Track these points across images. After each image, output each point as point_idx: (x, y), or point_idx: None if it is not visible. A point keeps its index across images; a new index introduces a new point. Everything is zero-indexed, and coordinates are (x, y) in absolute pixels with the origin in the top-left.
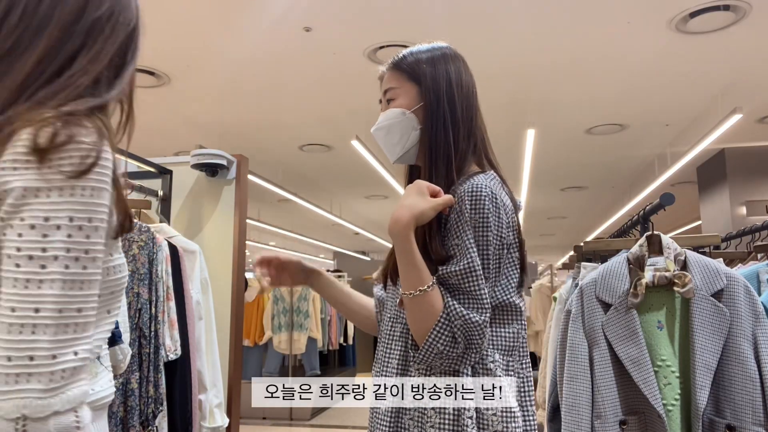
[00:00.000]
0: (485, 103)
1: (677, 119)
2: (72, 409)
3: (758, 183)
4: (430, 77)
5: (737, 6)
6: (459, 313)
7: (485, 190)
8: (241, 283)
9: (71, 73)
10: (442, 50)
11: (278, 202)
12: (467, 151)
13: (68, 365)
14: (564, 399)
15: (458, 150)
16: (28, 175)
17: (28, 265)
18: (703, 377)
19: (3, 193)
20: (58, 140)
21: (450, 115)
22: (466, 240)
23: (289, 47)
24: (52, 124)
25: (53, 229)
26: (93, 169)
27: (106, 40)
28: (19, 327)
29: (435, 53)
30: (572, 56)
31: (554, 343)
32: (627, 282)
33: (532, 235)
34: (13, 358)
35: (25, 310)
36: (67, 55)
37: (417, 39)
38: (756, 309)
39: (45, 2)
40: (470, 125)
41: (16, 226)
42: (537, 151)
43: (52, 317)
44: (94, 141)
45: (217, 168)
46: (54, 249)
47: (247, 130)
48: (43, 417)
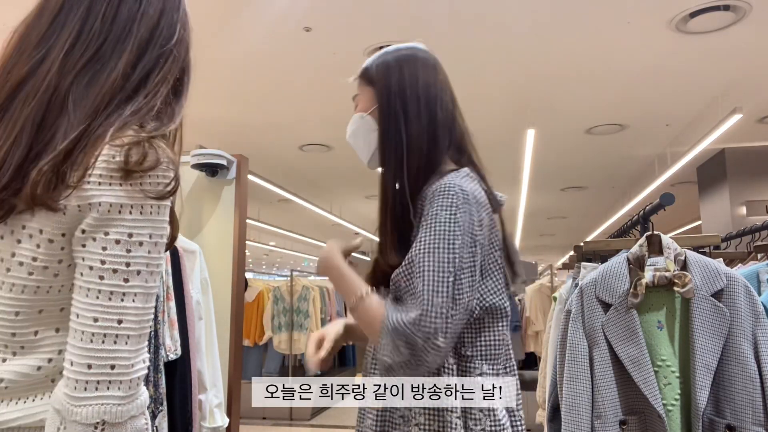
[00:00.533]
0: (485, 103)
1: (677, 119)
2: (142, 413)
3: (758, 183)
4: (382, 79)
5: (737, 6)
6: (392, 319)
7: (453, 189)
8: (241, 283)
9: (146, 92)
10: (400, 52)
11: (278, 202)
12: (432, 149)
13: (140, 373)
14: (564, 399)
15: (414, 148)
16: (116, 192)
17: (112, 278)
18: (703, 377)
19: (88, 206)
20: (147, 163)
21: (402, 114)
22: (422, 241)
23: (289, 47)
24: (142, 146)
25: (136, 245)
26: (172, 193)
27: (173, 63)
28: (101, 336)
29: (389, 56)
30: (572, 56)
31: (554, 343)
32: (627, 282)
33: (532, 235)
34: (94, 366)
35: (109, 320)
36: (143, 73)
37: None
38: (756, 309)
39: (122, 14)
40: (432, 123)
41: (100, 240)
42: (537, 151)
43: (133, 328)
44: (174, 168)
45: (217, 168)
46: (137, 264)
47: (247, 130)
48: (122, 422)
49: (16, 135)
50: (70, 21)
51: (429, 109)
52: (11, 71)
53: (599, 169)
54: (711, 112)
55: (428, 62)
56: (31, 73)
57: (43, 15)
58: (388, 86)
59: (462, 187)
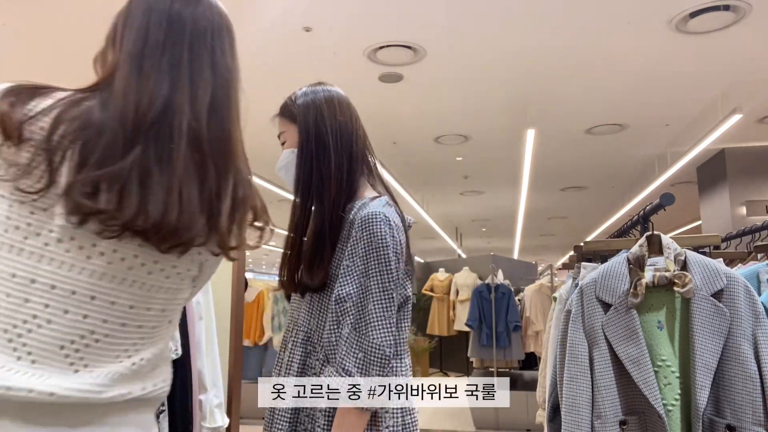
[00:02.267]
0: (485, 103)
1: (677, 119)
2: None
3: (758, 183)
4: (302, 117)
5: (737, 6)
6: (345, 367)
7: (380, 216)
8: (241, 283)
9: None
10: (315, 93)
11: (278, 202)
12: (350, 178)
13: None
14: (564, 399)
15: (335, 177)
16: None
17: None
18: (703, 377)
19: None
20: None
21: (323, 149)
22: (359, 263)
23: (289, 47)
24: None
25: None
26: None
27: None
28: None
29: (307, 97)
30: (572, 56)
31: (554, 343)
32: (627, 282)
33: (532, 235)
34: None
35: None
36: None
37: (417, 39)
38: (756, 309)
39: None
40: (349, 155)
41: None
42: (537, 151)
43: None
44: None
45: None
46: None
47: (247, 130)
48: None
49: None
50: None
51: (348, 143)
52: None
53: (599, 169)
54: (711, 112)
55: (342, 101)
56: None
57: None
58: (313, 123)
59: (386, 215)
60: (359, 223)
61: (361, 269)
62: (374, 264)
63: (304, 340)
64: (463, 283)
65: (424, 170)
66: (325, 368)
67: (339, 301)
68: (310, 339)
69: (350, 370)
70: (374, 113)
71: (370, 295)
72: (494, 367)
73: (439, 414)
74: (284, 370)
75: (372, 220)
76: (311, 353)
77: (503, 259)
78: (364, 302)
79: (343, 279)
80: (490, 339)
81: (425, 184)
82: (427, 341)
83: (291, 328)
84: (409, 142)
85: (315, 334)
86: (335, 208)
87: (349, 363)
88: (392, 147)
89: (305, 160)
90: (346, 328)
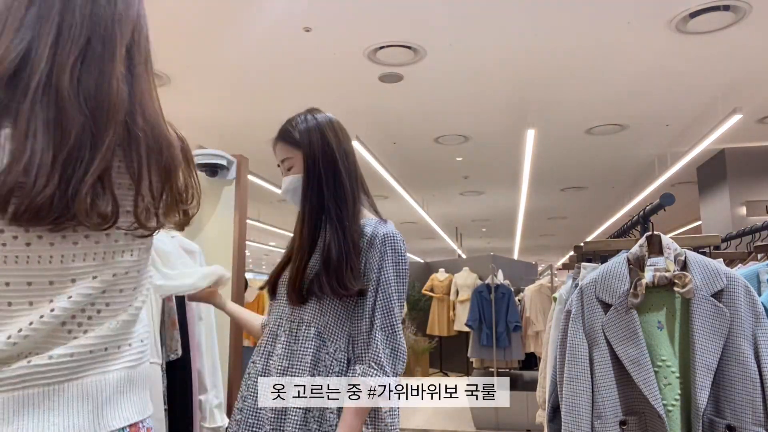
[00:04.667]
0: (485, 103)
1: (677, 119)
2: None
3: (758, 183)
4: (307, 143)
5: (737, 6)
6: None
7: (399, 236)
8: (241, 283)
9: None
10: (316, 119)
11: (278, 202)
12: (357, 199)
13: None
14: (564, 399)
15: (342, 201)
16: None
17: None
18: (703, 377)
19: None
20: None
21: (330, 174)
22: (389, 275)
23: (289, 47)
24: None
25: None
26: None
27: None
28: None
29: (309, 123)
30: (572, 56)
31: (554, 343)
32: (627, 282)
33: (532, 235)
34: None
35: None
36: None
37: (417, 39)
38: (756, 309)
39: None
40: (356, 179)
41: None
42: (537, 151)
43: None
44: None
45: (217, 168)
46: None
47: (247, 130)
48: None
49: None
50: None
51: (354, 166)
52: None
53: (599, 169)
54: (711, 112)
55: (340, 126)
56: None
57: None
58: (320, 150)
59: (400, 236)
60: (381, 239)
61: (393, 278)
62: (397, 275)
63: (315, 335)
64: (463, 283)
65: (424, 170)
66: (350, 367)
67: (384, 308)
68: (321, 334)
69: (383, 364)
70: (374, 113)
71: (393, 301)
72: (494, 367)
73: (439, 414)
74: (280, 360)
75: (394, 238)
76: (321, 347)
77: (503, 259)
78: (391, 306)
79: (383, 287)
80: (490, 339)
81: (425, 184)
82: (427, 341)
83: (286, 323)
84: (409, 142)
85: (326, 330)
86: (356, 226)
87: (384, 358)
88: (392, 147)
89: (315, 184)
90: (378, 332)
